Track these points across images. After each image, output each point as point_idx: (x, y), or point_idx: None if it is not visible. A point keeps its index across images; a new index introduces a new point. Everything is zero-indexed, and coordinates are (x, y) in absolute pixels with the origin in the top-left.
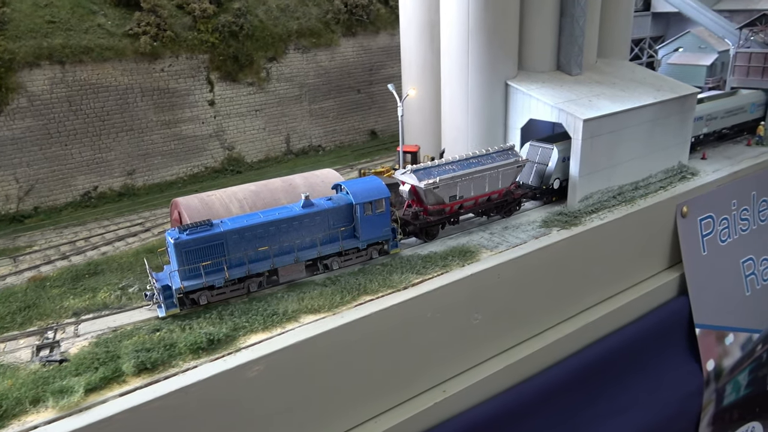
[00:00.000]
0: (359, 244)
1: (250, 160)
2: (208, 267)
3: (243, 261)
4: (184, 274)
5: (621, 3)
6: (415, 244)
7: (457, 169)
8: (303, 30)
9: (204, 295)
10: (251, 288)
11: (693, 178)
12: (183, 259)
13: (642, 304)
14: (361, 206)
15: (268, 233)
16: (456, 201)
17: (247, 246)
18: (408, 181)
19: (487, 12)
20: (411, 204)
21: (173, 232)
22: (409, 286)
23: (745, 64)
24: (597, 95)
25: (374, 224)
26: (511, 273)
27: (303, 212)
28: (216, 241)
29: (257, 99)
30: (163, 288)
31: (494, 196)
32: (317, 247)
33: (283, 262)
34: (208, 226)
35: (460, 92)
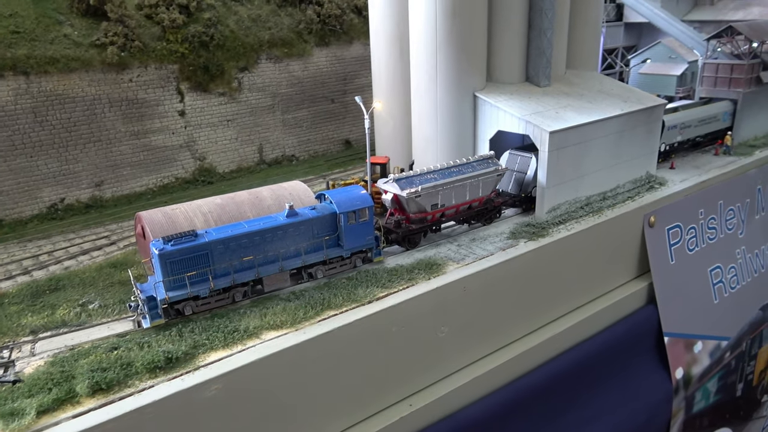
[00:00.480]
0: (343, 252)
1: (222, 170)
2: (192, 277)
3: (228, 271)
4: (169, 285)
5: (589, 15)
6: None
7: (438, 177)
8: (275, 40)
9: (189, 306)
10: (236, 298)
11: (661, 188)
12: (167, 269)
13: (610, 314)
14: (345, 215)
15: (252, 243)
16: (438, 209)
17: (232, 256)
18: (390, 190)
19: (455, 26)
20: (393, 213)
21: (158, 243)
22: (373, 300)
23: (712, 75)
24: (564, 107)
25: (358, 233)
26: (477, 285)
27: (287, 222)
28: (201, 251)
29: (229, 109)
30: (148, 299)
31: (475, 204)
32: (302, 256)
33: (268, 272)
34: (193, 237)
35: (429, 104)
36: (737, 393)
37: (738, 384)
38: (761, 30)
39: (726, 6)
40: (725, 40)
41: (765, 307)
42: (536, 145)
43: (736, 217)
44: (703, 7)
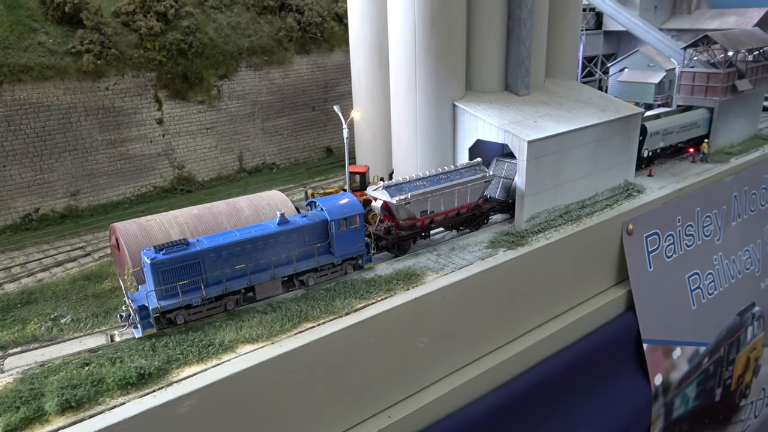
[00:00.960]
0: (334, 259)
1: (201, 178)
2: (184, 286)
3: (220, 279)
4: (161, 294)
5: (568, 24)
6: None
7: (427, 185)
8: (255, 48)
9: (181, 315)
10: (228, 306)
11: (639, 195)
12: (159, 279)
13: (590, 322)
14: (336, 222)
15: (244, 251)
16: (427, 216)
17: (224, 264)
18: (380, 197)
19: (433, 35)
20: (383, 219)
21: (149, 252)
22: (351, 312)
23: (689, 83)
24: (543, 116)
25: (349, 240)
26: (456, 295)
27: (279, 229)
28: (192, 260)
29: (208, 117)
30: (140, 308)
31: (463, 210)
32: (293, 264)
33: (260, 279)
34: (185, 246)
35: (409, 113)
36: (716, 398)
37: (717, 389)
38: (736, 39)
39: (703, 15)
40: (701, 49)
41: (742, 313)
42: (515, 154)
43: (713, 223)
44: (681, 16)
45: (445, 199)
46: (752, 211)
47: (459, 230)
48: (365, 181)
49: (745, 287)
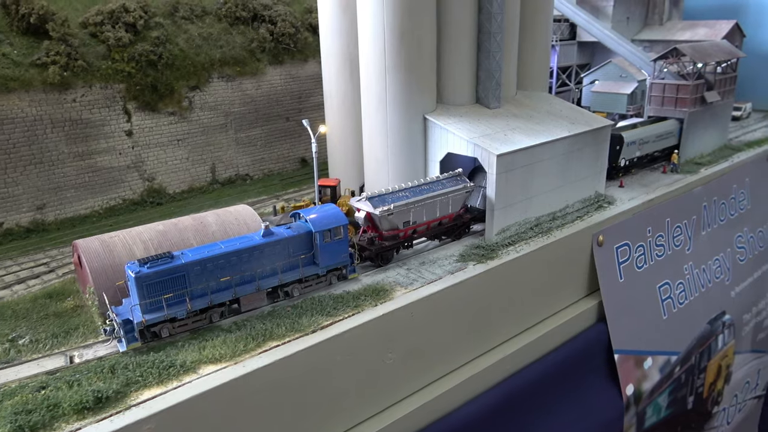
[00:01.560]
0: (319, 270)
1: (172, 190)
2: (169, 299)
3: (205, 292)
4: (146, 308)
5: (539, 37)
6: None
7: (409, 195)
8: (227, 58)
9: (166, 328)
10: (213, 318)
11: (609, 207)
12: (144, 292)
13: (560, 334)
14: (321, 234)
15: (229, 263)
16: (409, 226)
17: (209, 277)
18: (363, 208)
19: (403, 49)
20: (366, 230)
21: (133, 266)
22: (317, 330)
23: (660, 95)
24: (513, 129)
25: (333, 251)
26: (425, 310)
27: (263, 241)
28: (177, 273)
29: (179, 128)
30: (124, 322)
31: (445, 220)
32: (278, 275)
33: (245, 291)
34: (169, 259)
35: (380, 126)
36: (688, 406)
37: (689, 397)
38: (704, 52)
39: (674, 26)
40: (670, 61)
41: (713, 321)
42: (484, 167)
43: (683, 233)
44: (653, 27)
45: (427, 209)
46: (722, 221)
47: (441, 240)
48: (336, 194)
49: (716, 296)
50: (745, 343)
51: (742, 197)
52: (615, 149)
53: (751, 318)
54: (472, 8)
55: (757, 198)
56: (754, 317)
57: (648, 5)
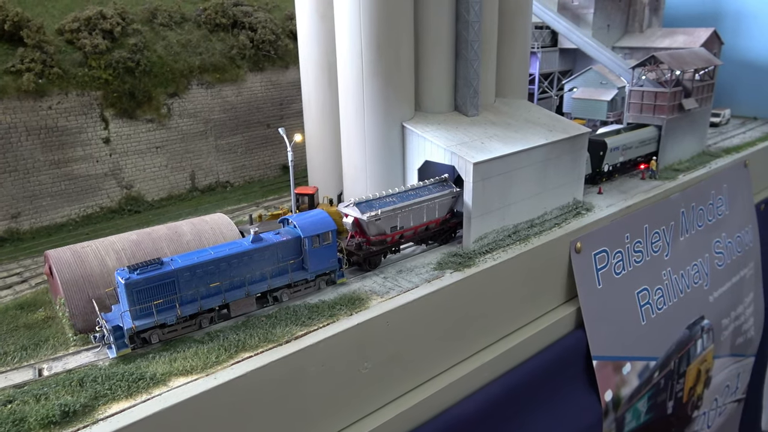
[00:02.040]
0: (308, 275)
1: (150, 198)
2: (159, 305)
3: (195, 297)
4: (135, 314)
5: (517, 45)
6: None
7: (396, 201)
8: (206, 65)
9: (155, 334)
10: (203, 324)
11: (587, 213)
12: (134, 299)
13: (539, 341)
14: (309, 239)
15: (219, 269)
16: (397, 231)
17: (199, 282)
18: (351, 214)
19: (380, 57)
20: (354, 235)
21: (123, 272)
22: (291, 340)
23: (638, 102)
24: (490, 137)
25: (322, 256)
26: (401, 319)
27: (252, 247)
28: (167, 279)
29: (158, 136)
30: (114, 328)
31: (432, 225)
32: (267, 281)
33: (235, 297)
34: (159, 265)
35: (358, 133)
36: (668, 411)
37: (668, 402)
38: (682, 60)
39: (654, 34)
40: (648, 68)
41: (691, 326)
42: (461, 176)
43: (662, 239)
44: (633, 35)
45: (414, 214)
46: (699, 227)
47: (428, 244)
48: (314, 202)
49: (694, 301)
50: (724, 347)
51: (720, 203)
52: (599, 155)
53: (730, 322)
54: (449, 17)
55: (734, 204)
56: (732, 322)
57: (628, 13)
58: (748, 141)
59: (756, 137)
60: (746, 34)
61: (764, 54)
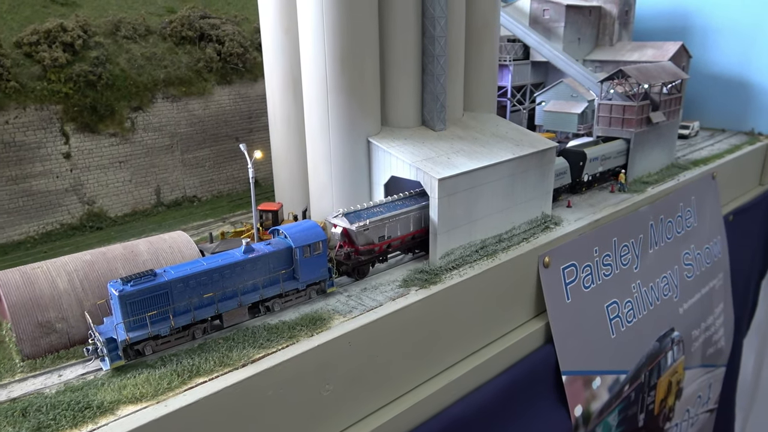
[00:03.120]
0: (299, 285)
1: (113, 214)
2: (153, 317)
3: (188, 308)
4: (129, 326)
5: (484, 59)
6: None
7: (384, 211)
8: (172, 79)
9: (149, 345)
10: (196, 335)
11: (556, 228)
12: (127, 310)
13: (508, 357)
14: (301, 249)
15: (212, 280)
16: (384, 241)
17: (192, 293)
18: (340, 224)
19: (344, 73)
20: (342, 245)
21: (116, 284)
22: (248, 363)
23: (607, 115)
24: (457, 152)
25: (313, 265)
26: (364, 339)
27: (245, 258)
28: (161, 290)
29: (121, 150)
30: (108, 341)
31: (418, 234)
32: (259, 290)
33: (228, 307)
34: (152, 276)
35: (323, 149)
36: (639, 423)
37: (639, 415)
38: (648, 73)
39: (624, 47)
40: (616, 83)
41: (662, 338)
42: (427, 192)
43: (631, 252)
44: (604, 48)
45: (401, 224)
46: (668, 239)
47: (414, 253)
48: (278, 218)
49: (664, 313)
50: (695, 358)
51: (689, 215)
52: (579, 165)
53: (700, 333)
54: (415, 31)
55: (703, 215)
56: (702, 333)
57: (599, 27)
58: (716, 153)
59: (724, 149)
60: (714, 48)
61: (731, 68)
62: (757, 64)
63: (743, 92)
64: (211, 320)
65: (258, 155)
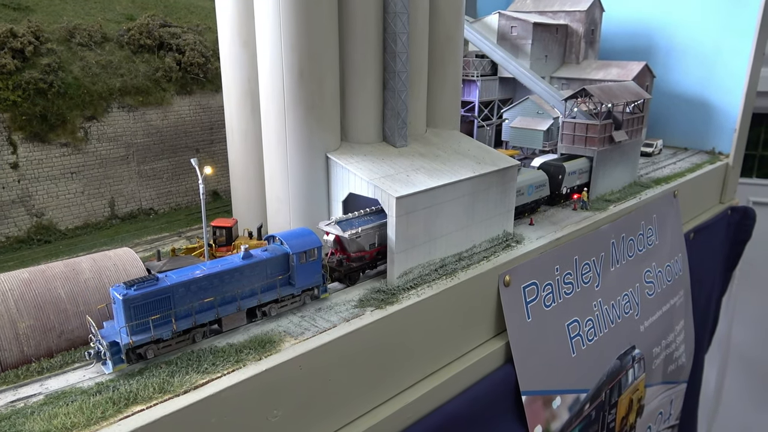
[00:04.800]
0: (294, 290)
1: (64, 227)
2: (156, 320)
3: (189, 312)
4: (132, 329)
5: (447, 75)
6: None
7: (374, 219)
8: (128, 88)
9: (151, 349)
10: (197, 338)
11: (517, 246)
12: (131, 314)
13: (466, 377)
14: (297, 255)
15: (212, 284)
16: (375, 248)
17: (193, 298)
18: (332, 232)
19: (302, 86)
20: (334, 252)
21: (120, 288)
22: (191, 390)
23: (571, 133)
24: (416, 169)
25: (308, 271)
26: (316, 362)
27: (244, 263)
28: (163, 294)
29: (73, 161)
30: (111, 344)
31: None
32: (257, 295)
33: (227, 312)
34: (155, 281)
35: (280, 164)
36: None
37: None
38: (611, 93)
39: (590, 65)
40: (580, 101)
41: (622, 356)
42: (384, 210)
43: (592, 270)
44: (570, 66)
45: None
46: (630, 257)
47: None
48: (231, 235)
49: (625, 331)
50: (656, 375)
51: (650, 233)
52: (558, 178)
53: (661, 351)
54: (376, 47)
55: (664, 233)
56: (663, 350)
57: (566, 45)
58: (678, 171)
59: (686, 167)
60: (677, 68)
61: (693, 88)
62: (717, 84)
63: (704, 112)
64: (210, 324)
65: (208, 171)
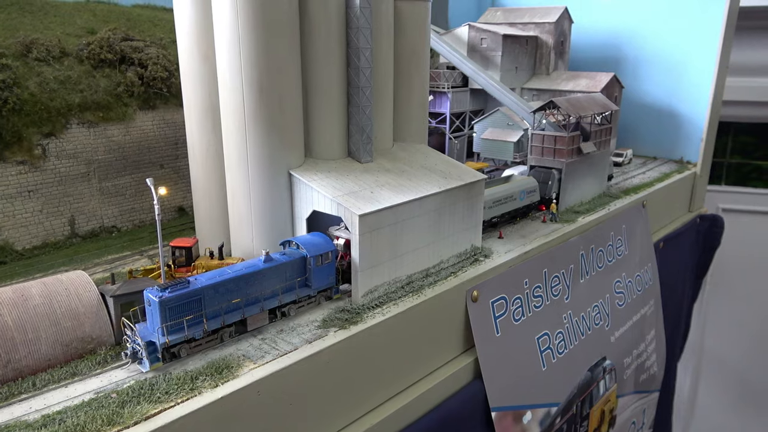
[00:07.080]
0: (311, 291)
1: (21, 247)
2: (189, 321)
3: (218, 313)
4: (168, 329)
5: (414, 88)
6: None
7: None
8: (88, 103)
9: (184, 348)
10: (224, 338)
11: (485, 260)
12: (166, 315)
13: (436, 394)
14: (314, 258)
15: (238, 287)
16: None
17: (221, 299)
18: (342, 236)
19: (262, 102)
20: (344, 256)
21: (154, 291)
22: (141, 421)
23: (539, 145)
24: (381, 185)
25: (323, 274)
26: (276, 386)
27: (266, 266)
28: (195, 296)
29: (30, 178)
30: (148, 344)
31: None
32: (278, 296)
33: (252, 312)
34: (186, 284)
35: (242, 181)
36: None
37: None
38: (578, 105)
39: (560, 77)
40: (548, 113)
41: (593, 368)
42: (348, 227)
43: (561, 283)
44: (540, 77)
45: None
46: (600, 268)
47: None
48: (191, 256)
49: (596, 342)
50: (627, 385)
51: (620, 244)
52: (548, 183)
53: (632, 361)
54: (339, 62)
55: (633, 244)
56: (635, 360)
57: (536, 56)
58: (646, 181)
59: (654, 177)
60: (645, 78)
61: (661, 98)
62: (685, 95)
63: (673, 122)
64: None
65: (162, 192)
